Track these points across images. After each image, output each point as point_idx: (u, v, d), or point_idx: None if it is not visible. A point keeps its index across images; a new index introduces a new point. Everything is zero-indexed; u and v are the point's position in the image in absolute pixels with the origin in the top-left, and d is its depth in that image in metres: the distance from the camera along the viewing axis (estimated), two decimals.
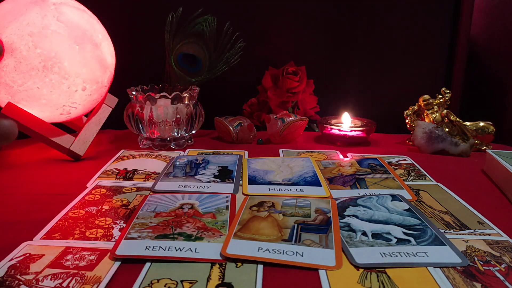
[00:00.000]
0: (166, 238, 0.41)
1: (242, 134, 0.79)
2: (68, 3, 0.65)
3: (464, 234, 0.44)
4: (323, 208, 0.48)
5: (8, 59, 0.59)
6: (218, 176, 0.59)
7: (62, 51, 0.61)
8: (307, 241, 0.41)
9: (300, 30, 0.96)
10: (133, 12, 0.91)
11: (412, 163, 0.68)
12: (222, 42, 0.78)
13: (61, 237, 0.42)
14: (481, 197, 0.55)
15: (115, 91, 0.78)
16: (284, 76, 0.90)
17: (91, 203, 0.50)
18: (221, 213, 0.47)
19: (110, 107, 0.77)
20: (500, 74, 0.93)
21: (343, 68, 0.98)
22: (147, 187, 0.56)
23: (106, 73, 0.68)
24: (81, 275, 0.35)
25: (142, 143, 0.75)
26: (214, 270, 0.36)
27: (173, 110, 0.71)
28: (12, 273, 0.36)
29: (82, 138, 0.68)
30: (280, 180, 0.57)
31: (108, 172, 0.61)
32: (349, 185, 0.57)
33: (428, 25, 0.96)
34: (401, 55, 0.98)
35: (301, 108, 0.93)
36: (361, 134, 0.80)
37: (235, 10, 0.92)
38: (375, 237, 0.42)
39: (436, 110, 0.81)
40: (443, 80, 0.99)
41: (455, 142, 0.75)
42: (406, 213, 0.47)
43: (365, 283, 0.35)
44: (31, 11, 0.60)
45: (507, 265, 0.38)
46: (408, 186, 0.57)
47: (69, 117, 0.69)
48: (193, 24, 0.77)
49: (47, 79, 0.61)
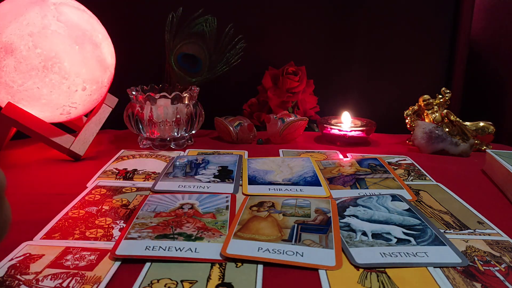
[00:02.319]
0: (166, 238, 0.41)
1: (242, 134, 0.79)
2: (68, 3, 0.65)
3: (464, 234, 0.44)
4: (323, 208, 0.48)
5: (8, 59, 0.59)
6: (218, 176, 0.59)
7: (62, 51, 0.61)
8: (307, 241, 0.41)
9: (300, 30, 0.96)
10: (133, 12, 0.91)
11: (412, 163, 0.68)
12: (223, 42, 0.78)
13: (61, 237, 0.42)
14: (481, 197, 0.55)
15: (115, 91, 0.78)
16: (284, 76, 0.90)
17: (91, 203, 0.50)
18: (221, 213, 0.47)
19: (110, 107, 0.77)
20: (500, 74, 0.93)
21: (343, 68, 0.98)
22: (147, 187, 0.56)
23: (106, 73, 0.68)
24: (81, 275, 0.35)
25: (142, 143, 0.75)
26: (214, 270, 0.36)
27: (173, 110, 0.71)
28: (12, 273, 0.36)
29: (82, 138, 0.68)
30: (280, 180, 0.57)
31: (108, 172, 0.61)
32: (349, 185, 0.57)
33: (428, 25, 0.96)
34: (401, 55, 0.98)
35: (301, 108, 0.93)
36: (361, 134, 0.80)
37: (235, 10, 0.92)
38: (375, 237, 0.42)
39: (436, 110, 0.81)
40: (443, 80, 0.99)
41: (455, 142, 0.75)
42: (406, 213, 0.47)
43: (365, 283, 0.35)
44: (31, 11, 0.60)
45: (507, 265, 0.38)
46: (408, 186, 0.57)
47: (69, 117, 0.69)
48: (193, 24, 0.77)
49: (47, 79, 0.61)
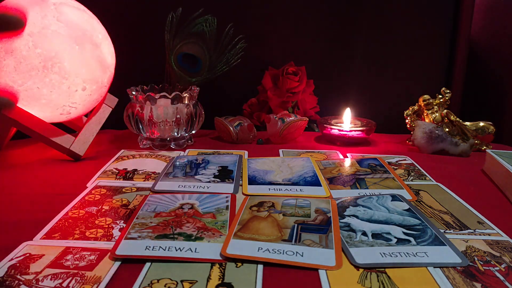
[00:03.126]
0: (166, 238, 0.41)
1: (242, 134, 0.79)
2: (68, 3, 0.65)
3: (464, 234, 0.44)
4: (323, 208, 0.48)
5: (8, 59, 0.59)
6: (218, 176, 0.59)
7: (62, 51, 0.61)
8: (307, 241, 0.41)
9: (300, 30, 0.96)
10: (133, 12, 0.91)
11: (412, 163, 0.68)
12: (222, 42, 0.78)
13: (61, 237, 0.42)
14: (481, 197, 0.55)
15: (115, 91, 0.78)
16: (284, 76, 0.90)
17: (91, 203, 0.50)
18: (221, 213, 0.47)
19: (110, 107, 0.77)
20: (500, 74, 0.93)
21: (343, 68, 0.98)
22: (147, 187, 0.56)
23: (106, 73, 0.68)
24: (81, 275, 0.35)
25: (142, 143, 0.75)
26: (214, 270, 0.36)
27: (173, 110, 0.71)
28: (12, 273, 0.36)
29: (82, 138, 0.68)
30: (280, 180, 0.57)
31: (108, 172, 0.61)
32: (349, 185, 0.57)
33: (428, 25, 0.96)
34: (401, 55, 0.98)
35: (301, 108, 0.93)
36: (361, 134, 0.80)
37: (235, 10, 0.92)
38: (375, 237, 0.42)
39: (436, 110, 0.81)
40: (443, 80, 0.99)
41: (455, 142, 0.75)
42: (406, 213, 0.47)
43: (365, 283, 0.35)
44: (31, 11, 0.60)
45: (507, 265, 0.38)
46: (408, 186, 0.57)
47: (69, 117, 0.69)
48: (193, 24, 0.77)
49: (47, 79, 0.61)
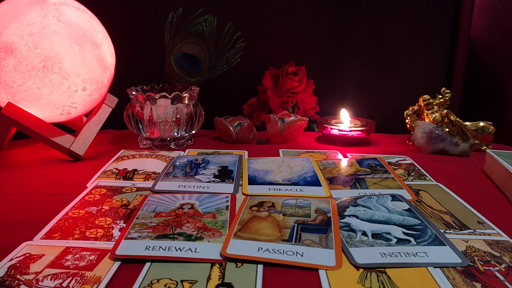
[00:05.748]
0: (166, 238, 0.41)
1: (242, 134, 0.79)
2: (68, 3, 0.65)
3: (464, 234, 0.44)
4: (323, 208, 0.48)
5: (8, 59, 0.59)
6: (218, 176, 0.59)
7: (62, 51, 0.61)
8: (307, 241, 0.41)
9: (300, 30, 0.96)
10: (133, 12, 0.91)
11: (412, 163, 0.68)
12: (222, 42, 0.78)
13: (61, 237, 0.42)
14: (481, 197, 0.55)
15: (115, 91, 0.78)
16: (284, 76, 0.90)
17: (91, 203, 0.50)
18: (221, 213, 0.47)
19: (110, 107, 0.77)
20: (500, 74, 0.93)
21: (343, 68, 0.98)
22: (147, 187, 0.56)
23: (106, 73, 0.68)
24: (81, 275, 0.35)
25: (142, 143, 0.75)
26: (214, 270, 0.36)
27: (173, 110, 0.71)
28: (12, 273, 0.36)
29: (82, 138, 0.68)
30: (280, 180, 0.57)
31: (108, 172, 0.61)
32: (349, 185, 0.57)
33: (428, 25, 0.96)
34: (401, 55, 0.98)
35: (301, 108, 0.93)
36: (361, 134, 0.80)
37: (235, 10, 0.92)
38: (375, 237, 0.42)
39: (436, 110, 0.81)
40: (443, 80, 0.99)
41: (455, 142, 0.75)
42: (406, 213, 0.47)
43: (365, 283, 0.35)
44: (31, 11, 0.60)
45: (507, 265, 0.38)
46: (408, 186, 0.57)
47: (69, 117, 0.69)
48: (193, 24, 0.77)
49: (47, 79, 0.61)
